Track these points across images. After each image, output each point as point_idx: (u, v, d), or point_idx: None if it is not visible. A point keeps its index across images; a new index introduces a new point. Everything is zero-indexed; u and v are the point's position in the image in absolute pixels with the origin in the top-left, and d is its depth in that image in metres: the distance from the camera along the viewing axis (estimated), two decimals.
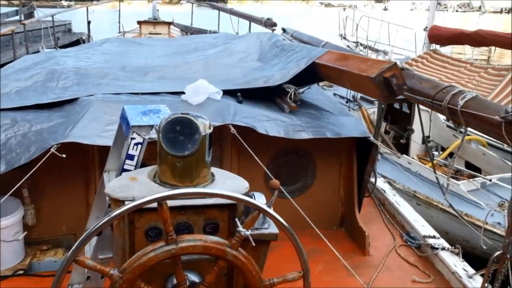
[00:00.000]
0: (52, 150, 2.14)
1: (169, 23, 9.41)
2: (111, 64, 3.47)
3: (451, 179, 4.40)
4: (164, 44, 4.49)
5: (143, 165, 1.58)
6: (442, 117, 4.96)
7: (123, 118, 1.60)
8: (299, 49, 3.20)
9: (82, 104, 2.55)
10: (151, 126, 1.51)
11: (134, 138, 1.54)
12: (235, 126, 2.39)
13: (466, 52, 9.97)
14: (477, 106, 2.12)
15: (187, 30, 9.00)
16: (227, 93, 2.75)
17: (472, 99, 2.17)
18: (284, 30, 6.30)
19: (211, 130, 1.36)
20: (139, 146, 1.55)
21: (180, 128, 1.32)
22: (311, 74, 2.88)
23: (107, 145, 1.92)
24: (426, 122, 5.53)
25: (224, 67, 3.38)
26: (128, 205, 1.13)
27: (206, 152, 1.36)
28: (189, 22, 10.41)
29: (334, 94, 6.88)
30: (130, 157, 1.57)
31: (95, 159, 2.54)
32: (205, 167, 1.39)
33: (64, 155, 2.10)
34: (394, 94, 2.15)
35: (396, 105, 5.99)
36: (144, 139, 1.53)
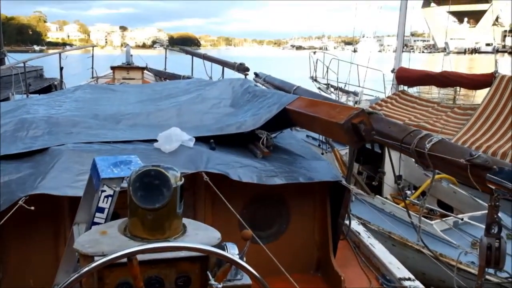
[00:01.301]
0: (20, 202, 2.09)
1: (142, 68, 9.48)
2: (83, 112, 3.46)
3: (425, 219, 4.45)
4: (137, 91, 4.50)
5: (115, 214, 1.56)
6: None
7: (94, 170, 1.59)
8: (271, 95, 3.26)
9: (53, 154, 2.51)
10: (122, 178, 1.50)
11: (104, 191, 1.53)
12: (208, 173, 2.39)
13: (434, 91, 10.34)
14: (443, 149, 2.19)
15: (160, 75, 9.06)
16: (200, 140, 2.76)
17: (438, 142, 2.24)
18: (256, 74, 6.41)
19: (182, 182, 1.37)
20: (110, 198, 1.54)
21: (150, 181, 1.32)
22: (283, 120, 2.92)
23: (78, 195, 1.90)
24: (397, 161, 5.64)
25: (197, 114, 3.40)
26: (97, 261, 1.12)
27: (177, 204, 1.36)
28: (163, 66, 10.51)
29: (307, 136, 6.96)
30: (100, 210, 1.56)
31: (65, 211, 2.48)
32: (176, 219, 1.39)
33: (32, 207, 2.06)
34: (362, 139, 2.20)
35: (368, 145, 6.09)
36: (114, 191, 1.52)
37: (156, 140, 2.62)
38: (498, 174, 1.84)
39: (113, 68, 9.52)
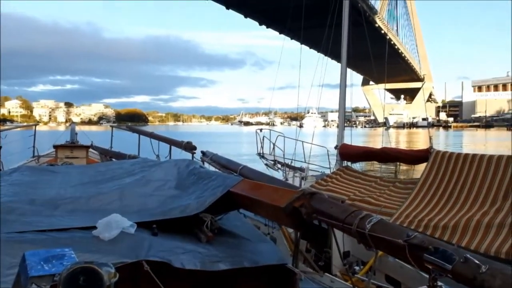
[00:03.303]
0: None
1: (87, 147, 9.26)
2: (20, 197, 3.30)
3: None
4: (80, 172, 4.39)
5: None
6: None
7: (22, 266, 1.50)
8: (215, 177, 3.28)
9: None
10: (53, 276, 1.42)
11: None
12: (149, 261, 2.31)
13: (376, 166, 10.77)
14: (382, 230, 2.25)
15: (106, 154, 8.88)
16: (142, 225, 2.69)
17: (377, 222, 2.30)
18: (203, 153, 6.44)
19: (116, 278, 1.32)
20: None
21: (83, 279, 1.26)
22: (227, 202, 2.92)
23: None
24: (345, 237, 5.68)
25: (140, 197, 3.34)
26: None
27: None
28: (109, 144, 10.34)
29: (256, 214, 6.93)
30: None
31: None
32: None
33: None
34: (304, 222, 2.23)
35: (316, 221, 6.12)
36: None
37: (95, 227, 2.53)
38: (434, 254, 1.89)
39: (56, 146, 9.19)
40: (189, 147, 7.37)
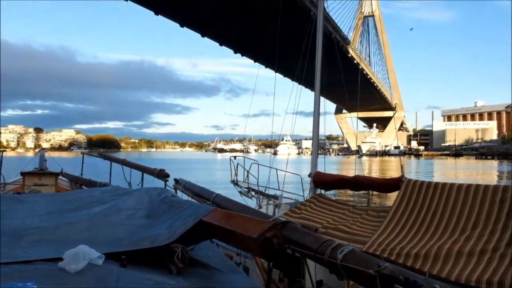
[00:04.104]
0: None
1: (56, 174, 9.03)
2: None
3: None
4: (47, 200, 4.26)
5: None
6: None
7: None
8: (187, 206, 3.23)
9: None
10: None
11: None
12: None
13: (349, 194, 10.86)
14: (354, 260, 2.26)
15: (76, 181, 8.68)
16: (110, 256, 2.61)
17: (349, 252, 2.31)
18: (176, 181, 6.37)
19: None
20: None
21: None
22: (199, 232, 2.88)
23: None
24: (318, 266, 5.65)
25: (110, 226, 3.26)
26: None
27: None
28: (79, 171, 10.13)
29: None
30: None
31: None
32: None
33: None
34: (275, 252, 2.22)
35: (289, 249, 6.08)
36: None
37: (62, 259, 2.45)
38: (404, 285, 1.90)
39: (23, 173, 8.91)
40: (162, 175, 7.30)
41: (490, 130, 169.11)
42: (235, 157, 11.47)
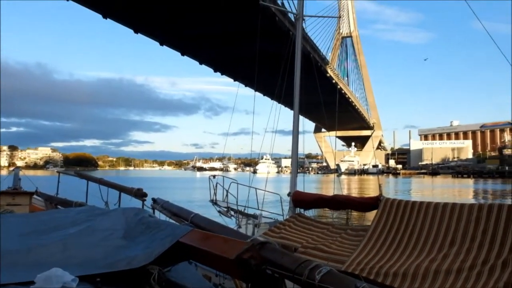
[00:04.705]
0: None
1: (31, 193, 8.82)
2: None
3: None
4: (21, 221, 4.14)
5: None
6: None
7: None
8: (164, 226, 3.19)
9: None
10: None
11: None
12: None
13: (328, 213, 10.86)
14: (332, 280, 2.25)
15: (51, 201, 8.47)
16: (85, 279, 2.55)
17: (327, 273, 2.29)
18: (154, 200, 6.28)
19: None
20: None
21: None
22: (176, 253, 2.83)
23: None
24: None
25: (85, 248, 3.18)
26: None
27: None
28: (55, 190, 9.91)
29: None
30: None
31: None
32: None
33: None
34: (253, 274, 2.20)
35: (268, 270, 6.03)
36: None
37: (34, 282, 2.38)
38: None
39: None
40: (140, 194, 7.20)
41: (466, 149, 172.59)
42: (214, 176, 11.40)
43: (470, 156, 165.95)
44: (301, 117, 10.97)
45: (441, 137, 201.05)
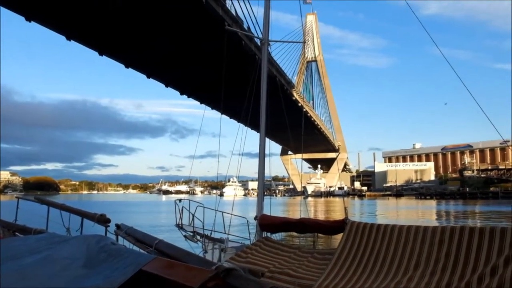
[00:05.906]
0: None
1: None
2: None
3: None
4: None
5: None
6: None
7: None
8: (127, 254, 3.10)
9: None
10: None
11: None
12: None
13: (295, 236, 10.87)
14: None
15: (9, 228, 8.15)
16: None
17: None
18: (118, 226, 6.15)
19: None
20: None
21: None
22: (139, 282, 2.75)
23: None
24: None
25: (43, 279, 3.05)
26: None
27: None
28: (13, 216, 9.54)
29: None
30: None
31: None
32: None
33: None
34: None
35: None
36: None
37: None
38: None
39: None
40: (103, 220, 7.00)
41: (428, 171, 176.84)
42: (180, 200, 11.28)
43: (432, 177, 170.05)
44: (267, 140, 11.04)
45: (404, 159, 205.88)
